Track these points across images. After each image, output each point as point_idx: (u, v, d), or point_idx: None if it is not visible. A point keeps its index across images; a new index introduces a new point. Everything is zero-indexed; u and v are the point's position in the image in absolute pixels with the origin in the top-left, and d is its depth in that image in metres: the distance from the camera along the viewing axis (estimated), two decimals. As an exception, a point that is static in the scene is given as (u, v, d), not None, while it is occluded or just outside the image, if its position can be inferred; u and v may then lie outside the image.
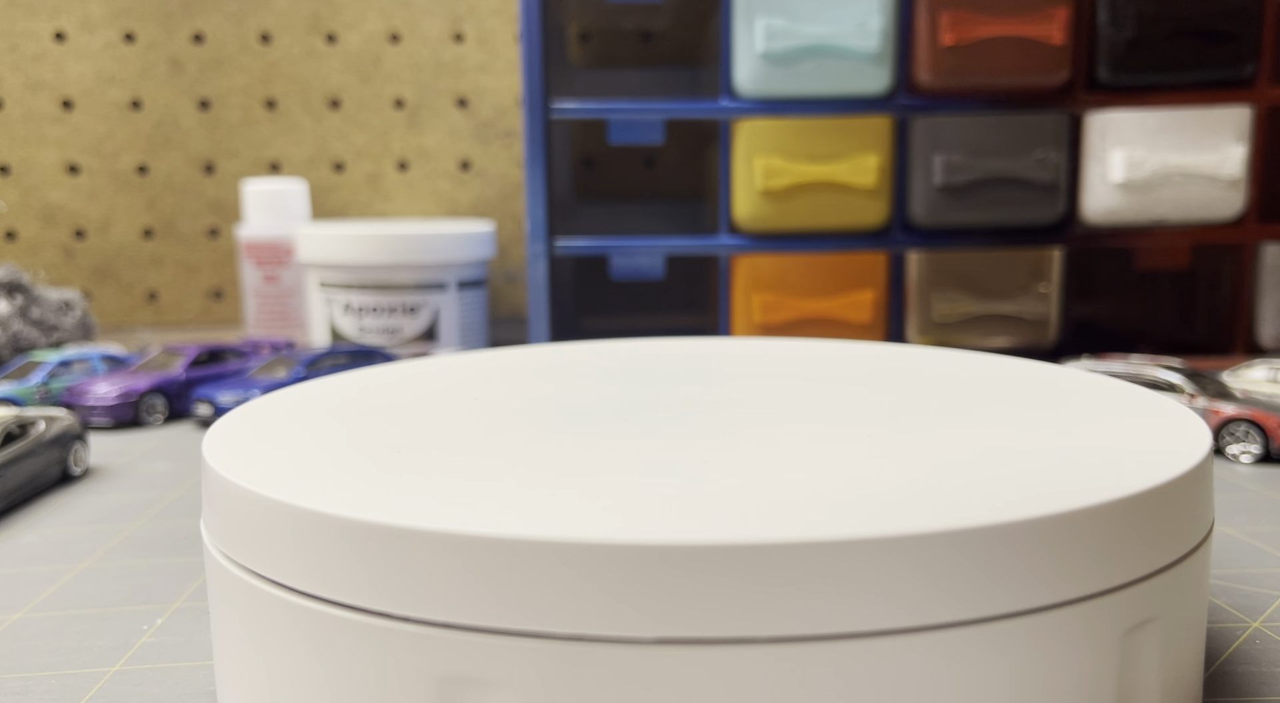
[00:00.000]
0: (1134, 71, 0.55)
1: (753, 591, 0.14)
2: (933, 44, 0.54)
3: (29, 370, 0.52)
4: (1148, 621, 0.17)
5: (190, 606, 0.28)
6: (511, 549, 0.15)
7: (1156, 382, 0.44)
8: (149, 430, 0.50)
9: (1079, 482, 0.17)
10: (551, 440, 0.20)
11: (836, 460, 0.18)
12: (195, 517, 0.35)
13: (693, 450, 0.19)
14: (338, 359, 0.54)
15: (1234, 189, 0.55)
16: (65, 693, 0.23)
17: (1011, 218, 0.56)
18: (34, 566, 0.31)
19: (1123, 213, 0.56)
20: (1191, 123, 0.55)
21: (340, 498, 0.16)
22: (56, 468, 0.39)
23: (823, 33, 0.53)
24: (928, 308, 0.57)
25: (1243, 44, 0.55)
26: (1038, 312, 0.57)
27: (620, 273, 0.57)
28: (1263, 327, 0.58)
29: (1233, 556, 0.30)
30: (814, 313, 0.56)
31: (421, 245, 0.63)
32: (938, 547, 0.15)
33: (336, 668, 0.16)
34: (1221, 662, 0.23)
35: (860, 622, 0.15)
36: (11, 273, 0.60)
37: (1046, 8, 0.53)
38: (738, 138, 0.55)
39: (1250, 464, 0.40)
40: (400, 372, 0.28)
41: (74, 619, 0.27)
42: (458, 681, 0.15)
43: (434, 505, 0.16)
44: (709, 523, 0.15)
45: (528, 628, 0.15)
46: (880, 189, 0.55)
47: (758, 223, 0.56)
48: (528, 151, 0.56)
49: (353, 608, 0.16)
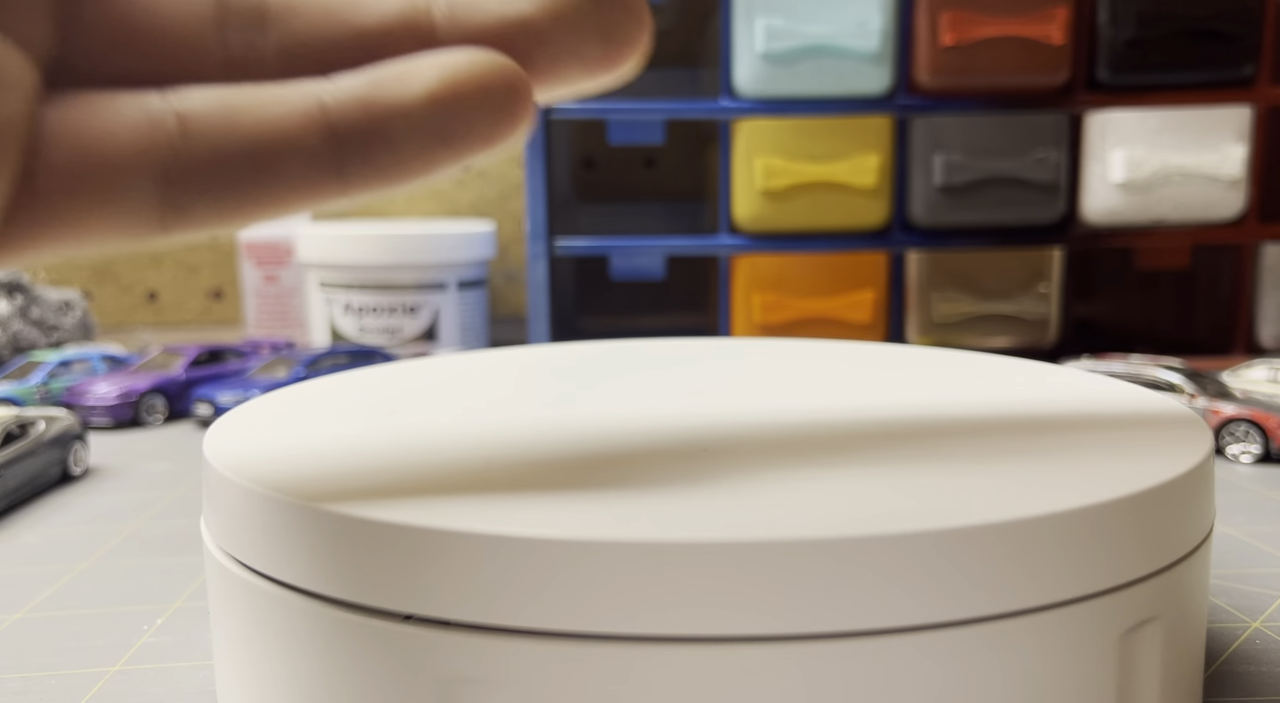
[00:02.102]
0: (1134, 71, 0.55)
1: (753, 590, 0.14)
2: (933, 44, 0.54)
3: (29, 370, 0.52)
4: (1148, 621, 0.17)
5: (190, 606, 0.28)
6: (512, 548, 0.15)
7: (1156, 382, 0.44)
8: (149, 430, 0.50)
9: (1079, 482, 0.17)
10: (551, 439, 0.20)
11: (836, 460, 0.18)
12: (195, 517, 0.35)
13: (692, 450, 0.19)
14: (338, 359, 0.54)
15: (1234, 189, 0.55)
16: (65, 693, 0.23)
17: (1011, 218, 0.56)
18: (34, 566, 0.31)
19: (1123, 213, 0.56)
20: (1191, 123, 0.55)
21: (341, 497, 0.16)
22: (56, 468, 0.39)
23: (823, 33, 0.53)
24: (928, 308, 0.57)
25: (1243, 44, 0.55)
26: (1038, 312, 0.57)
27: (620, 273, 0.57)
28: (1263, 327, 0.58)
29: (1233, 556, 0.30)
30: (814, 313, 0.56)
31: (421, 245, 0.63)
32: (937, 546, 0.15)
33: (337, 667, 0.16)
34: (1221, 662, 0.23)
35: (860, 621, 0.15)
36: (11, 273, 0.60)
37: (1046, 8, 0.53)
38: (738, 138, 0.55)
39: (1250, 464, 0.40)
40: (400, 372, 0.28)
41: (74, 619, 0.27)
42: (458, 681, 0.15)
43: (434, 504, 0.16)
44: (709, 522, 0.15)
45: (528, 628, 0.15)
46: (880, 189, 0.55)
47: (758, 223, 0.56)
48: (528, 151, 0.56)
49: (353, 607, 0.16)
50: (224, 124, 0.15)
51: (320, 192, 0.16)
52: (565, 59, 0.16)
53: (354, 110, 0.15)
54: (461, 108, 0.15)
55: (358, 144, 0.15)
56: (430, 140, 0.15)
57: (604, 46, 0.16)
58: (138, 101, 0.15)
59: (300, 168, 0.15)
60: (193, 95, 0.16)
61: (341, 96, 0.15)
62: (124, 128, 0.15)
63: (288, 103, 0.15)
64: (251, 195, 0.15)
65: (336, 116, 0.15)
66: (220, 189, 0.15)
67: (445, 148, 0.16)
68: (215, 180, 0.15)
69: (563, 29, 0.16)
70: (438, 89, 0.15)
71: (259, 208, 0.16)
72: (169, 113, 0.15)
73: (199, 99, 0.15)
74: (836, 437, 0.20)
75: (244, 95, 0.16)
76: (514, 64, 0.16)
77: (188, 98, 0.16)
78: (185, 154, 0.15)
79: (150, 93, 0.16)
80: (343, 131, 0.15)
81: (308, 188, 0.16)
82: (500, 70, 0.16)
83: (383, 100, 0.15)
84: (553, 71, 0.16)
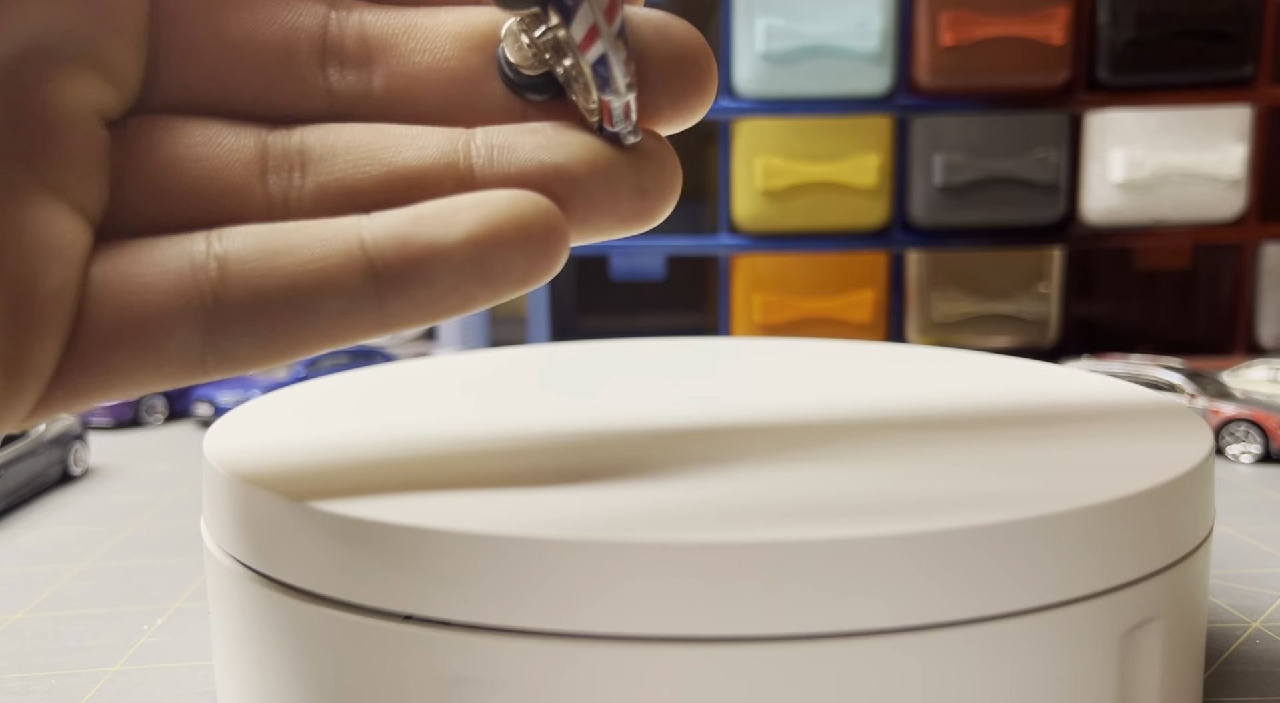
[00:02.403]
0: (1134, 71, 0.55)
1: (752, 589, 0.14)
2: (933, 44, 0.54)
3: (29, 370, 0.52)
4: (1148, 621, 0.17)
5: (190, 606, 0.28)
6: (512, 548, 0.15)
7: (1156, 382, 0.44)
8: (149, 430, 0.50)
9: (1079, 481, 0.17)
10: (551, 439, 0.20)
11: (835, 460, 0.18)
12: (195, 517, 0.35)
13: (692, 450, 0.19)
14: (338, 359, 0.54)
15: (1234, 189, 0.55)
16: (65, 693, 0.23)
17: (1011, 218, 0.56)
18: (34, 566, 0.31)
19: (1123, 213, 0.56)
20: (1191, 123, 0.55)
21: (341, 497, 0.16)
22: (56, 468, 0.39)
23: (823, 33, 0.53)
24: (928, 308, 0.57)
25: (1243, 44, 0.55)
26: (1038, 312, 0.57)
27: (620, 273, 0.57)
28: (1263, 327, 0.58)
29: (1233, 556, 0.30)
30: (814, 313, 0.56)
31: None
32: (937, 546, 0.15)
33: (337, 667, 0.16)
34: (1221, 662, 0.23)
35: (860, 621, 0.15)
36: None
37: (1046, 8, 0.53)
38: (738, 138, 0.55)
39: (1250, 464, 0.40)
40: (400, 371, 0.28)
41: (74, 619, 0.27)
42: (458, 681, 0.15)
43: (434, 504, 0.16)
44: (708, 522, 0.15)
45: (528, 628, 0.15)
46: (880, 189, 0.55)
47: (758, 223, 0.56)
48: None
49: (353, 607, 0.16)
50: (265, 267, 0.15)
51: (360, 328, 0.16)
52: (600, 210, 0.16)
53: (393, 249, 0.15)
54: (501, 249, 0.15)
55: (397, 282, 0.15)
56: (469, 280, 0.15)
57: (639, 202, 0.16)
58: (180, 247, 0.15)
59: (341, 305, 0.15)
60: (233, 237, 0.16)
61: (380, 235, 0.15)
62: (167, 278, 0.15)
63: (328, 242, 0.15)
64: (293, 335, 0.15)
65: (375, 255, 0.15)
66: (263, 331, 0.15)
67: (483, 287, 0.15)
68: (258, 322, 0.15)
69: (599, 182, 0.16)
70: (478, 231, 0.15)
71: (300, 346, 0.16)
72: (210, 258, 0.15)
73: (240, 242, 0.15)
74: (836, 436, 0.20)
75: (284, 235, 0.16)
76: (553, 206, 0.16)
77: (228, 240, 0.15)
78: (226, 299, 0.15)
79: (192, 236, 0.16)
80: (382, 270, 0.15)
81: (348, 324, 0.16)
82: (540, 213, 0.15)
83: (423, 240, 0.15)
84: (586, 219, 0.16)
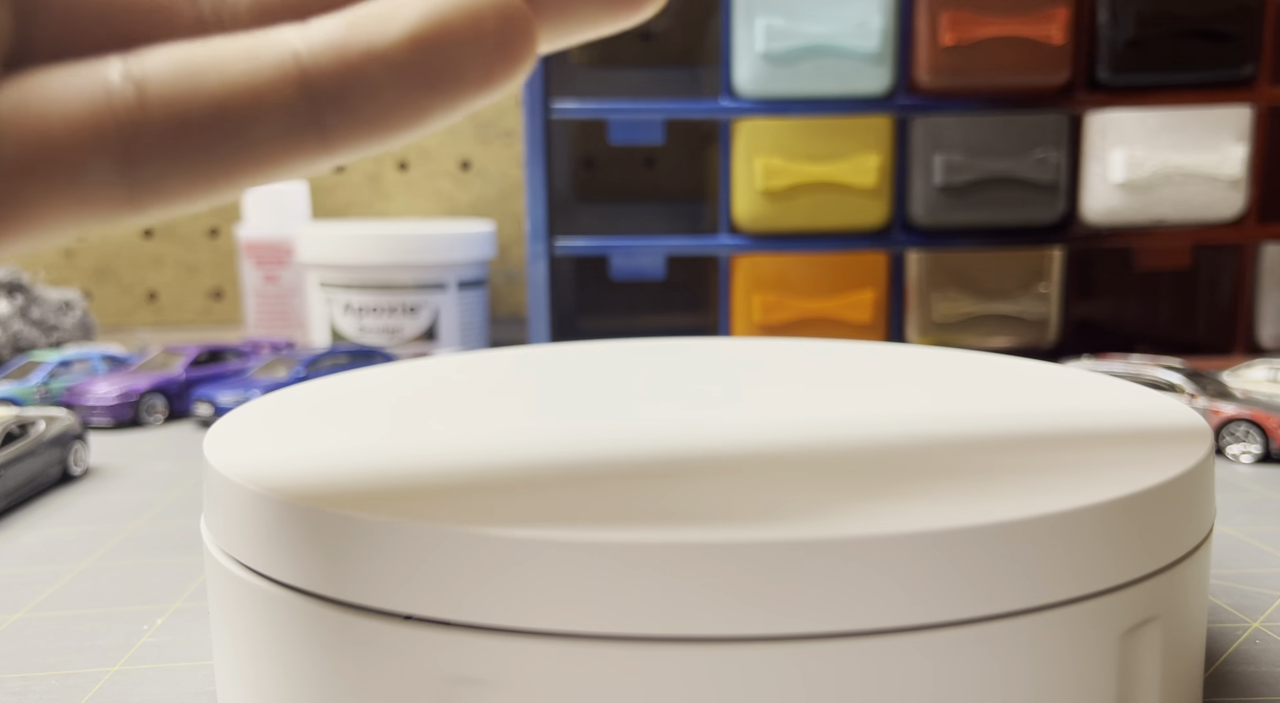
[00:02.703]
0: (1134, 71, 0.55)
1: (753, 589, 0.14)
2: (933, 44, 0.54)
3: (29, 370, 0.52)
4: (1148, 621, 0.17)
5: (190, 606, 0.28)
6: (511, 548, 0.15)
7: (1156, 382, 0.44)
8: (149, 430, 0.50)
9: (1079, 481, 0.17)
10: (551, 439, 0.20)
11: (835, 459, 0.18)
12: (195, 517, 0.35)
13: (692, 449, 0.19)
14: (338, 359, 0.54)
15: (1234, 189, 0.55)
16: (65, 693, 0.23)
17: (1011, 218, 0.56)
18: (34, 566, 0.31)
19: (1123, 213, 0.56)
20: (1191, 123, 0.55)
21: (341, 497, 0.16)
22: (56, 468, 0.39)
23: (823, 33, 0.53)
24: (928, 308, 0.57)
25: (1243, 44, 0.55)
26: (1038, 312, 0.57)
27: (620, 273, 0.57)
28: (1263, 327, 0.58)
29: (1233, 556, 0.30)
30: (814, 313, 0.56)
31: (421, 245, 0.62)
32: (936, 546, 0.15)
33: (336, 668, 0.16)
34: (1221, 662, 0.23)
35: (860, 621, 0.15)
36: (11, 273, 0.60)
37: (1046, 8, 0.53)
38: (738, 138, 0.55)
39: (1250, 464, 0.40)
40: (400, 372, 0.28)
41: (74, 619, 0.27)
42: (458, 681, 0.15)
43: (434, 505, 0.16)
44: (708, 522, 0.15)
45: (527, 628, 0.15)
46: (880, 189, 0.55)
47: (758, 223, 0.56)
48: (528, 151, 0.56)
49: (353, 607, 0.16)
50: (188, 87, 0.14)
51: (302, 151, 0.14)
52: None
53: (329, 58, 0.14)
54: (449, 47, 0.14)
55: (335, 95, 0.14)
56: (416, 86, 0.14)
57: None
58: (92, 72, 0.14)
59: (276, 127, 0.14)
60: (153, 57, 0.14)
61: (316, 43, 0.14)
62: (78, 104, 0.14)
63: (257, 56, 0.14)
64: (226, 161, 0.14)
65: (311, 66, 0.14)
66: (190, 158, 0.14)
67: (433, 93, 0.14)
68: (183, 149, 0.14)
69: None
70: (420, 28, 0.14)
71: (237, 174, 0.14)
72: (126, 81, 0.14)
73: (158, 61, 0.14)
74: (836, 436, 0.20)
75: (208, 52, 0.14)
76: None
77: (148, 60, 0.14)
78: (146, 124, 0.14)
79: (106, 60, 0.14)
80: (318, 82, 0.14)
81: (288, 148, 0.14)
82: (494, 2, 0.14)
83: (360, 44, 0.14)
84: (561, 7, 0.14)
